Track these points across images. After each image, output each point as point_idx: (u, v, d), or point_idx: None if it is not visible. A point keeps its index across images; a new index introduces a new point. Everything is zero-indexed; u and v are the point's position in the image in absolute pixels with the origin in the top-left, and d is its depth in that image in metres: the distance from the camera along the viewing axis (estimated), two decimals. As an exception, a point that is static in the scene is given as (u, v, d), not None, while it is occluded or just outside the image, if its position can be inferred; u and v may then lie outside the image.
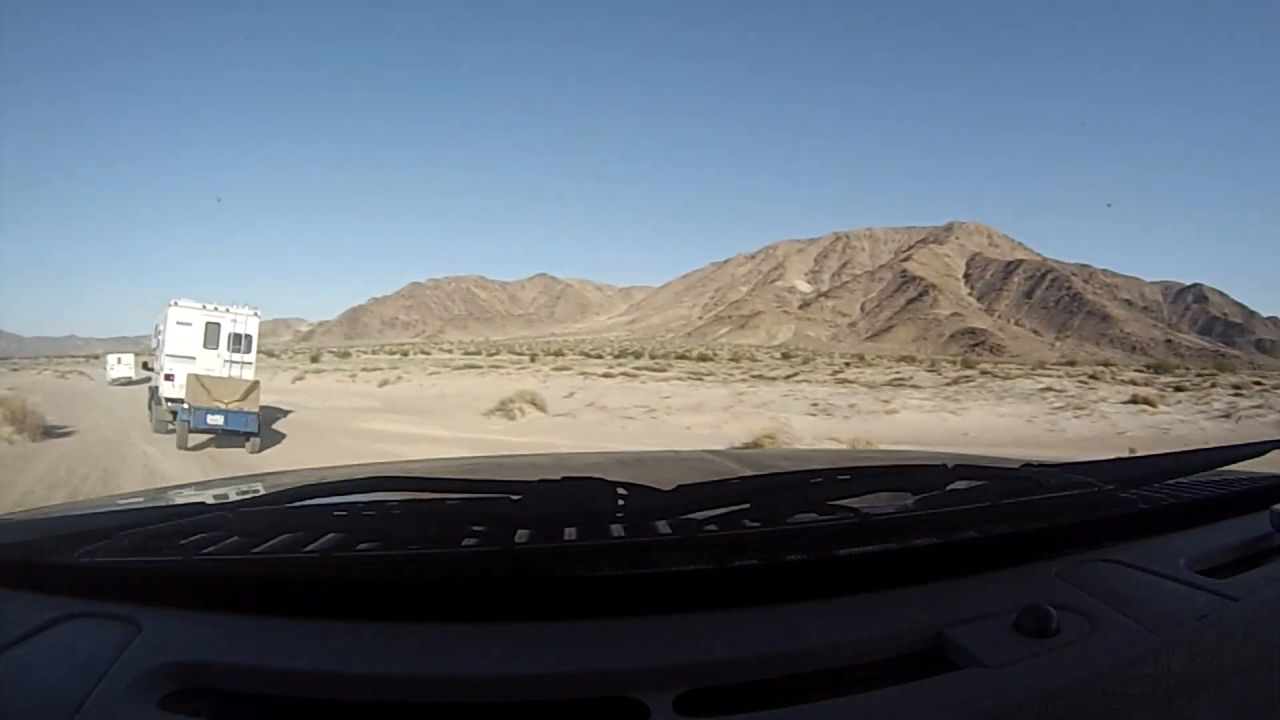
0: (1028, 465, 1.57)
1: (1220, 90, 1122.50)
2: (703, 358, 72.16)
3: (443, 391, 38.54)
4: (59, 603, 1.13)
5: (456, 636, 1.04)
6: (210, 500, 1.45)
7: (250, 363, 18.62)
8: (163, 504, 1.61)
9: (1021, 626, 1.01)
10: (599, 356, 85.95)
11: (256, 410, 16.54)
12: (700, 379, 42.40)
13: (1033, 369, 50.05)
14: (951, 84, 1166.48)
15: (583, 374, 47.60)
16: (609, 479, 1.23)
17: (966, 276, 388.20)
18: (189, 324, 17.99)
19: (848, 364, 59.62)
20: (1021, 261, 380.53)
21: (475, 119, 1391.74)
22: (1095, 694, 0.91)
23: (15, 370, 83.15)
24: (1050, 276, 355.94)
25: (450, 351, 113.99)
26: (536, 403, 25.29)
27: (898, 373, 46.16)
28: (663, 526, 1.23)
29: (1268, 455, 1.65)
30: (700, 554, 1.16)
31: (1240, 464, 1.65)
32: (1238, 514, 1.48)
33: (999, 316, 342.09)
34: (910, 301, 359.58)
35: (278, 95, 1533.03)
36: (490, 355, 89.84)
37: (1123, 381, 36.95)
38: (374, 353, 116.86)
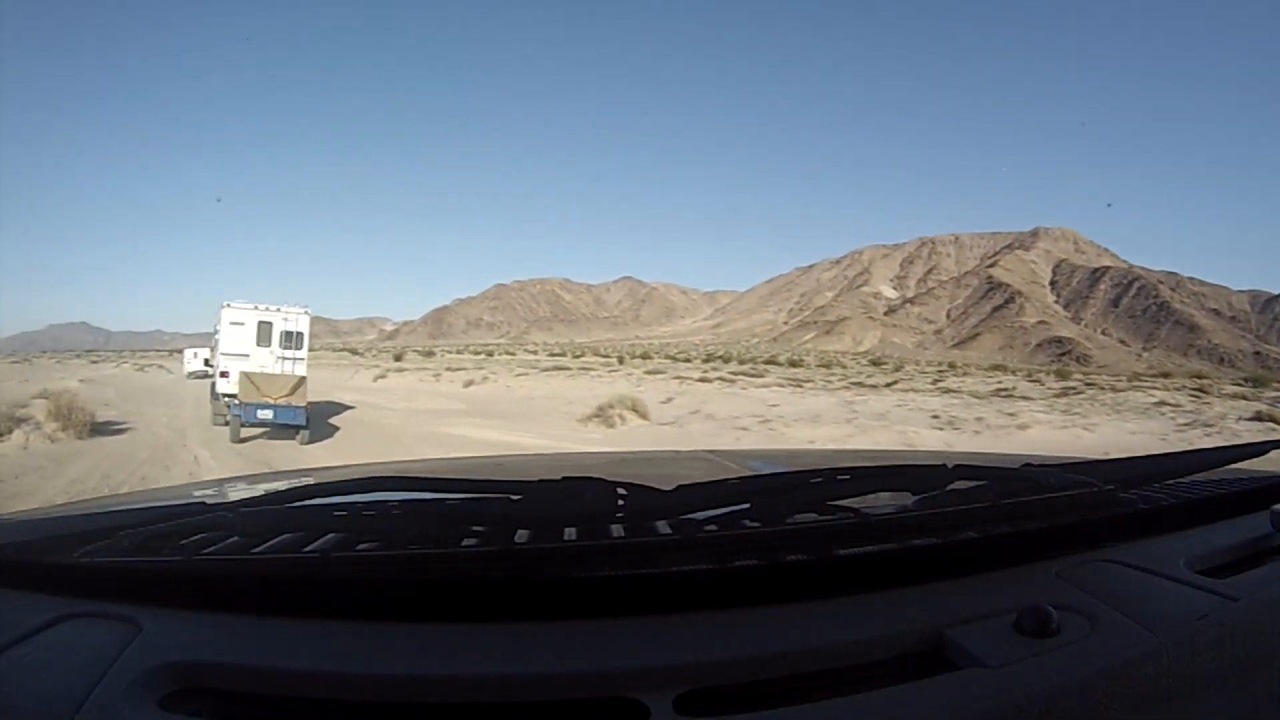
0: (1028, 465, 1.56)
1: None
2: (792, 363, 70.24)
3: (531, 393, 36.27)
4: (59, 603, 1.14)
5: (456, 636, 1.05)
6: (210, 500, 1.44)
7: (302, 359, 19.33)
8: (163, 504, 1.59)
9: (1021, 626, 1.02)
10: (687, 360, 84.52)
11: (304, 404, 17.28)
12: (800, 386, 39.29)
13: (1129, 380, 47.03)
14: (1038, 87, 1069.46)
15: (678, 378, 44.66)
16: (609, 479, 1.24)
17: (1052, 283, 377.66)
18: (242, 323, 18.93)
19: (942, 372, 57.23)
20: (1108, 268, 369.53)
21: (563, 121, 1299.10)
22: (1095, 694, 0.92)
23: (95, 363, 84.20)
24: (1137, 284, 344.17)
25: (535, 353, 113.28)
26: (638, 409, 22.97)
27: (1000, 382, 43.53)
28: (663, 526, 1.24)
29: (1268, 455, 1.65)
30: (700, 554, 1.16)
31: (1240, 464, 1.67)
32: (1238, 514, 1.49)
33: (1085, 325, 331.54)
34: (996, 309, 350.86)
35: (367, 98, 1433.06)
36: (576, 357, 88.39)
37: (1226, 395, 33.48)
38: (458, 352, 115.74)
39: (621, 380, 43.14)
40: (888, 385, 41.21)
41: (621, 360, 75.74)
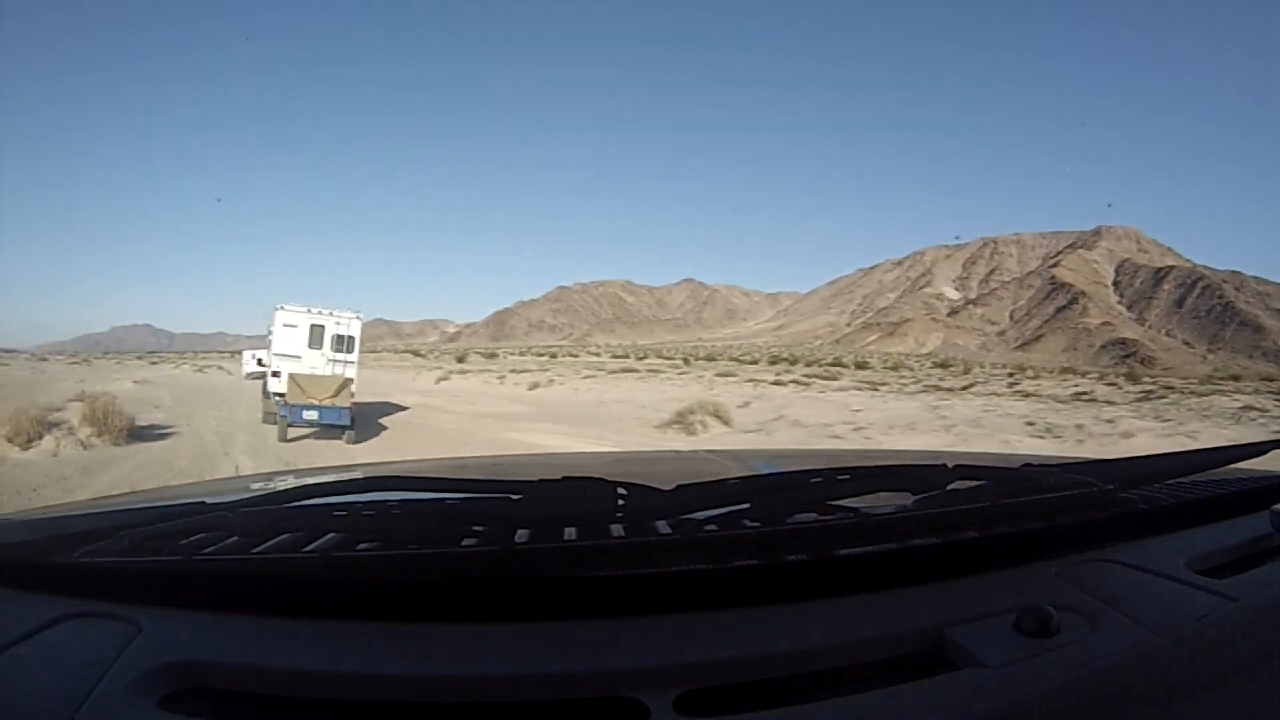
0: (1028, 465, 1.57)
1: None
2: (859, 365, 68.73)
3: (600, 397, 34.42)
4: (59, 603, 1.15)
5: (456, 636, 1.05)
6: (210, 500, 1.42)
7: (352, 362, 19.68)
8: (163, 504, 1.58)
9: (1021, 626, 1.03)
10: (753, 362, 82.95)
11: (349, 405, 17.88)
12: (875, 389, 37.31)
13: (1202, 382, 44.61)
14: (1099, 85, 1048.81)
15: (751, 381, 42.78)
16: (609, 479, 1.25)
17: (1115, 284, 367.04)
18: (295, 325, 19.42)
19: (1012, 375, 54.99)
20: (1171, 268, 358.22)
21: (627, 122, 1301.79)
22: (1095, 694, 0.92)
23: (154, 364, 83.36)
24: (1201, 284, 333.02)
25: (599, 354, 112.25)
26: (720, 415, 21.28)
27: (1075, 385, 41.44)
28: (663, 526, 1.25)
29: (1268, 455, 1.66)
30: (700, 554, 1.17)
31: (1240, 464, 1.67)
32: (1238, 514, 1.49)
33: (1149, 326, 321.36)
34: (1059, 309, 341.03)
35: (432, 101, 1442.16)
36: (640, 359, 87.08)
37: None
38: (521, 354, 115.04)
39: (693, 383, 41.30)
40: (963, 389, 39.40)
41: (688, 362, 74.61)
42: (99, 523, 1.31)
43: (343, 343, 19.72)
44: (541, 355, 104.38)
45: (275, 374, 18.82)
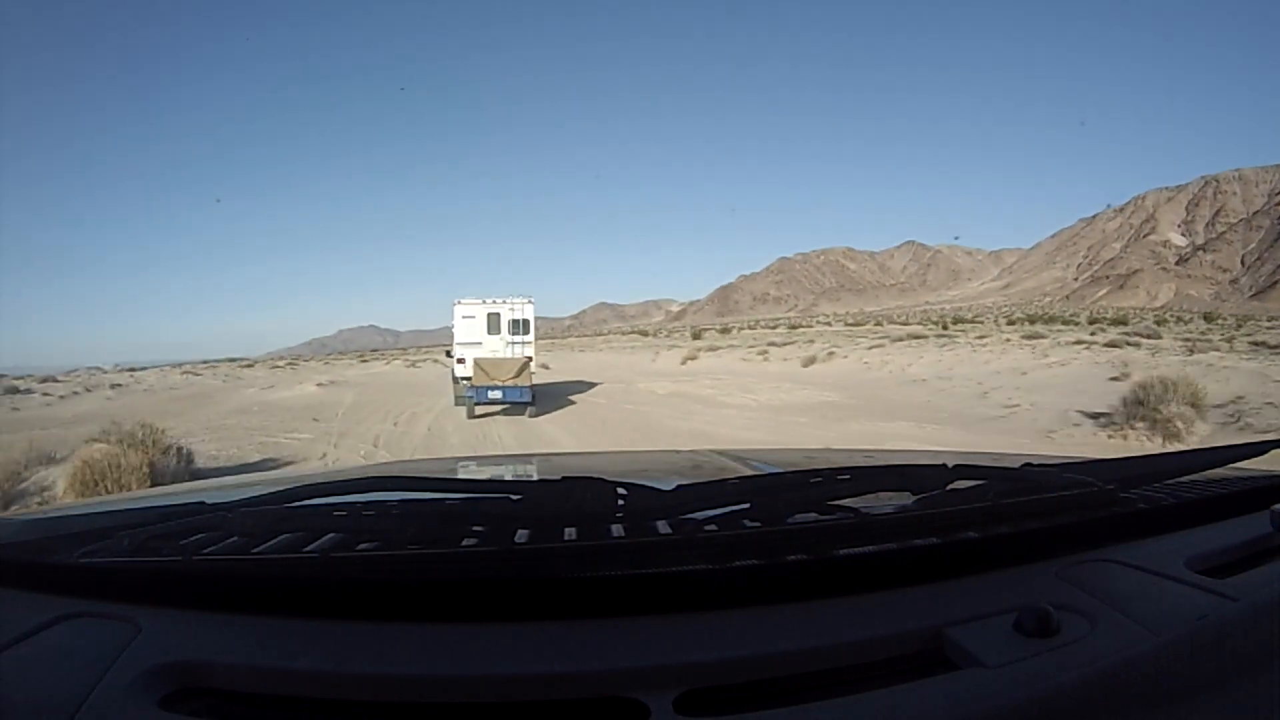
0: (1028, 465, 1.57)
1: None
2: (1116, 322, 61.82)
3: (909, 373, 26.48)
4: (59, 603, 1.16)
5: (456, 636, 1.06)
6: (210, 500, 1.44)
7: (529, 342, 21.47)
8: (163, 504, 1.60)
9: (1021, 626, 1.03)
10: (1010, 322, 75.88)
11: (529, 384, 19.76)
12: (1191, 349, 26.80)
13: None
14: None
15: (1079, 343, 32.74)
16: (609, 479, 1.26)
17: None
18: (473, 316, 21.61)
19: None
20: None
21: (837, 88, 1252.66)
22: (1095, 694, 0.92)
23: (364, 361, 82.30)
24: None
25: (829, 324, 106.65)
26: (1197, 400, 13.40)
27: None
28: (663, 526, 1.26)
29: (1267, 455, 1.65)
30: (700, 554, 1.17)
31: (1240, 464, 1.68)
32: (1238, 514, 1.49)
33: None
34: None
35: (639, 82, 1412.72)
36: (875, 325, 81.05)
37: None
38: (750, 328, 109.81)
39: (1010, 349, 31.10)
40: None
41: (946, 327, 69.28)
42: (99, 523, 1.32)
43: (518, 326, 21.66)
44: (773, 328, 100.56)
45: (460, 361, 20.97)
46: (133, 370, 66.83)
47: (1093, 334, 43.95)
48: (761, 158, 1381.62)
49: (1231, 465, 1.65)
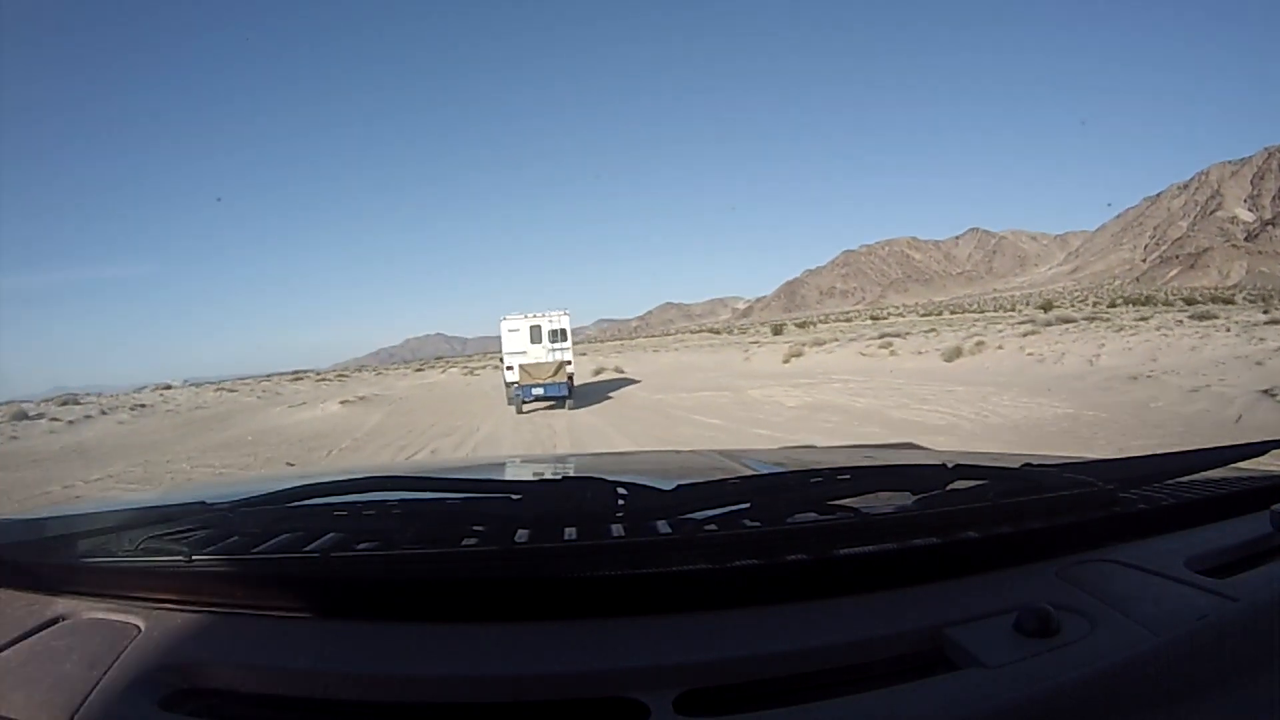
0: (1028, 465, 1.57)
1: None
2: (1219, 299, 59.22)
3: (1113, 364, 20.21)
4: (59, 603, 1.17)
5: (456, 636, 1.06)
6: (210, 500, 1.43)
7: (567, 348, 25.45)
8: (163, 504, 1.62)
9: (1021, 626, 1.03)
10: (1111, 305, 74.22)
11: (564, 380, 23.92)
12: None
13: None
14: None
15: (1196, 328, 28.42)
16: (609, 479, 1.26)
17: None
18: (518, 329, 25.60)
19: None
20: None
21: (899, 78, 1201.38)
22: (1095, 694, 0.93)
23: (419, 371, 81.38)
24: None
25: (903, 315, 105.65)
26: None
27: None
28: (662, 526, 1.26)
29: (1267, 455, 1.65)
30: (700, 554, 1.17)
31: (1240, 464, 1.67)
32: (1238, 514, 1.49)
33: None
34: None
35: (705, 84, 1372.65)
36: (952, 314, 79.82)
37: None
38: (824, 321, 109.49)
39: (1210, 333, 24.94)
40: None
41: (1047, 309, 68.61)
42: (99, 523, 1.32)
43: (556, 335, 25.55)
44: (847, 320, 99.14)
45: (509, 368, 24.80)
46: (169, 387, 66.54)
47: (1266, 311, 37.78)
48: (823, 151, 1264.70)
49: (1231, 465, 1.65)
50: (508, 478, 2.24)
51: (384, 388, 47.31)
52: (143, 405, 41.18)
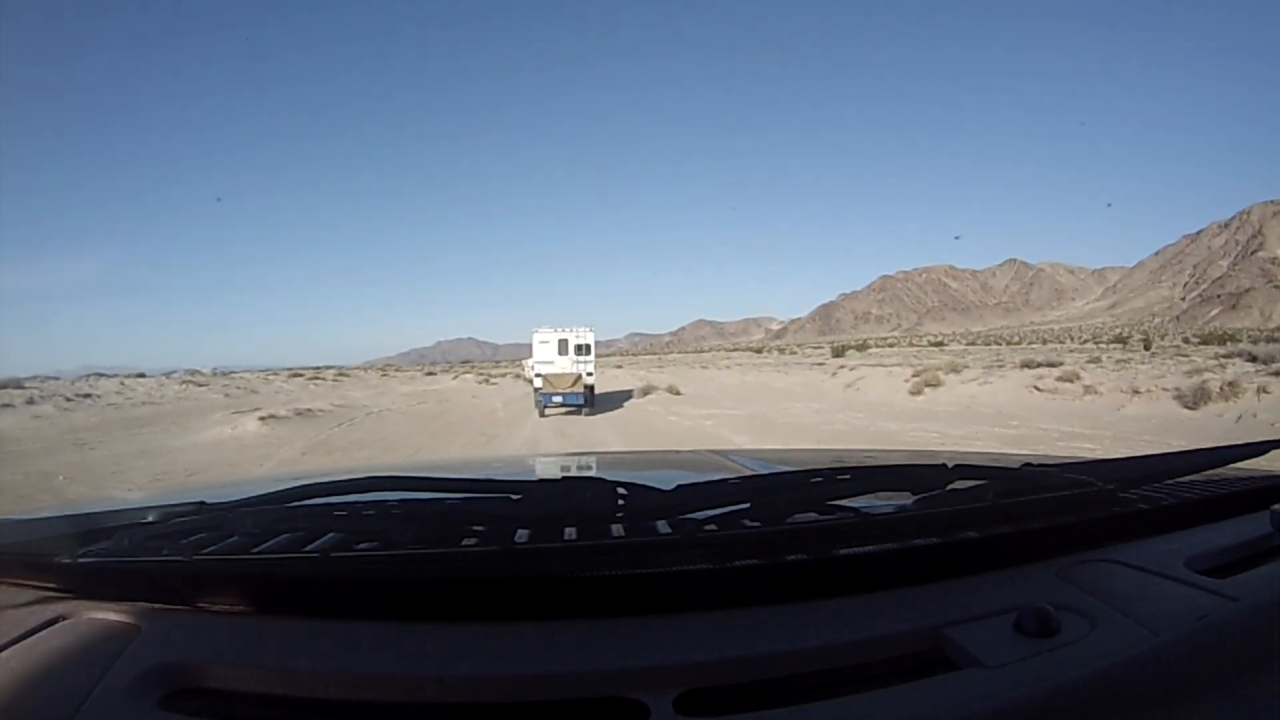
0: (1028, 465, 1.58)
1: None
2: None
3: None
4: (59, 603, 1.16)
5: (457, 636, 1.06)
6: (210, 500, 1.42)
7: (590, 360, 27.63)
8: (162, 504, 1.55)
9: (1021, 626, 1.03)
10: (1166, 343, 73.81)
11: (581, 389, 26.18)
12: None
13: None
14: None
15: None
16: (609, 479, 1.26)
17: None
18: (547, 342, 27.80)
19: None
20: None
21: (941, 101, 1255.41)
22: (1095, 694, 0.92)
23: (430, 375, 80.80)
24: None
25: (942, 344, 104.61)
26: None
27: None
28: (662, 526, 1.25)
29: (1267, 455, 1.65)
30: (700, 554, 1.17)
31: (1240, 464, 1.68)
32: (1238, 514, 1.49)
33: None
34: None
35: (744, 99, 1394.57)
36: (986, 345, 79.01)
37: None
38: (878, 346, 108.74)
39: None
40: None
41: (1124, 342, 71.31)
42: (99, 523, 1.33)
43: (581, 349, 27.64)
44: (889, 345, 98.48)
45: (536, 376, 26.73)
46: (141, 376, 66.80)
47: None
48: (862, 174, 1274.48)
49: (1231, 465, 1.65)
50: (508, 477, 2.15)
51: (370, 395, 41.20)
52: (86, 395, 37.31)
